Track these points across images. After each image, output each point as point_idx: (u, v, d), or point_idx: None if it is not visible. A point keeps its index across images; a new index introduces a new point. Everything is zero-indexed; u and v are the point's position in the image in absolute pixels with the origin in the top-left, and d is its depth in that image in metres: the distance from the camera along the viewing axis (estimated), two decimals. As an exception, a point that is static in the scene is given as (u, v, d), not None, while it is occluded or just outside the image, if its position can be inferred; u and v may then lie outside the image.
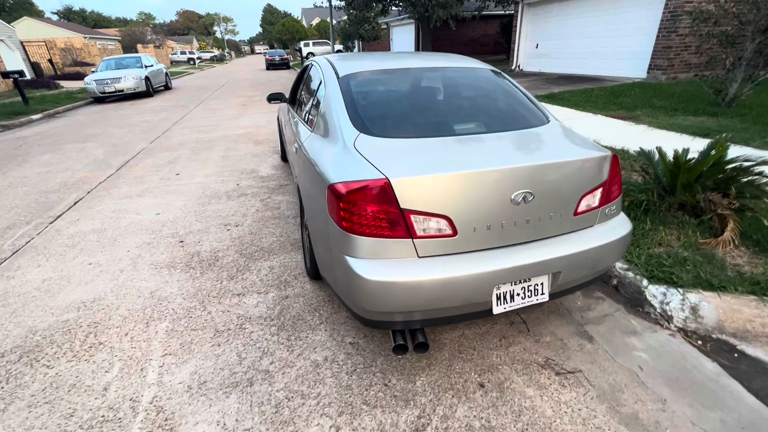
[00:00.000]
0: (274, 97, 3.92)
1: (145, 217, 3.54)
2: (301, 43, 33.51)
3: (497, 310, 1.66)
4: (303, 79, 3.12)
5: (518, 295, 1.68)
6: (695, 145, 3.33)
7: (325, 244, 1.81)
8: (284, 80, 17.57)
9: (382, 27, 26.52)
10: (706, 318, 2.00)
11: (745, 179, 2.55)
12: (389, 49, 27.57)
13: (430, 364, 1.83)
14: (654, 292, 2.16)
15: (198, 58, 40.98)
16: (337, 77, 2.25)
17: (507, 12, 17.45)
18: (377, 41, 26.88)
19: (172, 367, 1.84)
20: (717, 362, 1.83)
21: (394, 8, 15.87)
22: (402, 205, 1.52)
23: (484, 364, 1.84)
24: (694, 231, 2.55)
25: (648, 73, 8.74)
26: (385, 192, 1.51)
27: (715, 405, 1.62)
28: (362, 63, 2.46)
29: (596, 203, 1.80)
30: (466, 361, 1.85)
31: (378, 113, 2.03)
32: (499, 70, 2.55)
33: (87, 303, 2.34)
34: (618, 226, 1.88)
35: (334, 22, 53.25)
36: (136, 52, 31.98)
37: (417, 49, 21.60)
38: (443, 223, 1.56)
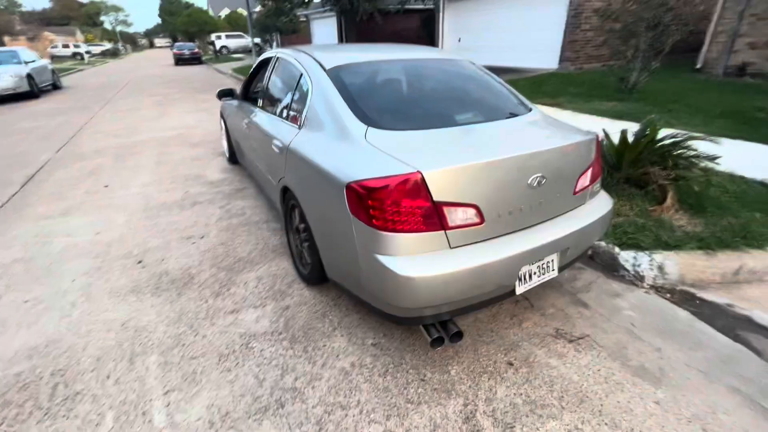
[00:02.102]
0: (225, 94, 3.59)
1: (81, 239, 3.02)
2: (213, 36, 31.03)
3: (519, 290, 1.74)
4: (267, 73, 2.89)
5: (535, 273, 1.78)
6: (616, 127, 3.79)
7: (343, 246, 1.72)
8: (203, 76, 16.19)
9: (302, 20, 25.70)
10: (670, 274, 2.32)
11: (676, 152, 2.99)
12: (311, 43, 26.83)
13: (458, 352, 1.86)
14: (626, 257, 2.44)
15: (87, 52, 35.66)
16: (324, 69, 2.13)
17: (427, 7, 18.07)
18: (296, 34, 26.04)
19: (181, 403, 1.62)
20: (687, 310, 2.14)
21: (316, 0, 15.40)
22: (435, 198, 1.50)
23: (505, 343, 1.92)
24: (642, 201, 2.93)
25: (560, 64, 9.74)
26: (418, 185, 1.48)
27: (697, 346, 1.89)
28: (344, 55, 2.37)
29: (587, 182, 1.97)
30: (488, 344, 1.91)
31: (381, 105, 1.97)
32: (474, 62, 2.63)
33: (39, 349, 1.93)
34: (604, 202, 2.08)
35: (246, 13, 50.39)
36: (2, 45, 26.80)
37: (341, 41, 21.32)
38: (472, 212, 1.58)
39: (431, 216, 1.52)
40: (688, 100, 6.01)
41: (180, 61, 24.37)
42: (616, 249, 2.49)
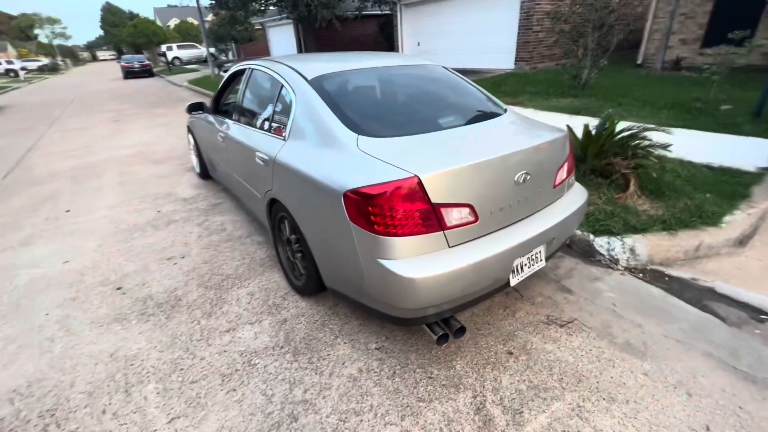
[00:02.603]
0: (195, 108, 3.49)
1: (49, 270, 2.82)
2: (164, 47, 29.76)
3: (514, 281, 1.84)
4: (241, 86, 2.85)
5: (526, 265, 1.88)
6: (575, 122, 4.05)
7: (343, 254, 1.74)
8: (156, 90, 15.51)
9: (257, 28, 25.27)
10: (640, 255, 2.52)
11: (633, 143, 3.24)
12: (269, 52, 26.41)
13: (460, 347, 1.93)
14: (600, 242, 2.62)
15: (23, 68, 33.08)
16: (306, 80, 2.15)
17: (384, 12, 18.33)
18: (252, 43, 25.56)
19: (189, 429, 1.57)
20: (659, 287, 2.33)
21: (272, 7, 15.20)
22: (433, 200, 1.56)
23: (502, 334, 2.01)
24: (608, 190, 3.15)
25: (515, 64, 10.21)
26: (417, 189, 1.53)
27: (672, 319, 2.07)
28: (323, 65, 2.38)
29: (564, 176, 2.11)
30: (487, 336, 2.00)
31: (367, 113, 2.01)
32: (446, 66, 2.73)
33: (21, 390, 1.80)
34: (580, 194, 2.23)
35: (196, 22, 48.69)
36: None
37: (300, 50, 21.17)
38: (466, 211, 1.65)
39: (430, 218, 1.57)
40: (635, 94, 6.50)
41: (129, 74, 23.17)
42: (591, 236, 2.67)
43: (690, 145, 3.97)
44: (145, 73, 23.50)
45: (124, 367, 1.90)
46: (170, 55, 27.57)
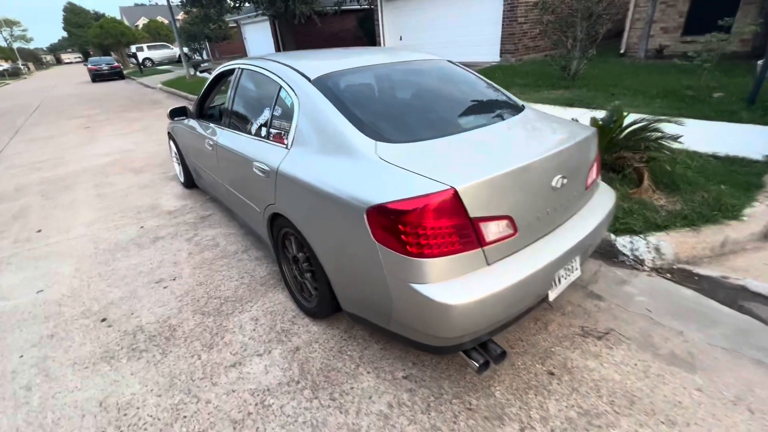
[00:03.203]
0: (178, 113, 3.20)
1: (21, 301, 2.51)
2: (133, 48, 28.54)
3: (552, 296, 1.67)
4: (231, 89, 2.59)
5: (563, 276, 1.72)
6: (570, 114, 3.96)
7: (366, 277, 1.54)
8: (128, 93, 14.80)
9: (231, 25, 24.49)
10: (666, 254, 2.40)
11: (642, 135, 3.13)
12: (245, 50, 25.66)
13: (496, 370, 1.75)
14: (622, 242, 2.49)
15: (-21, 74, 31.20)
16: (309, 80, 1.92)
17: (363, 7, 17.99)
18: (227, 41, 24.78)
19: (202, 494, 1.34)
20: (690, 288, 2.22)
21: (248, 4, 14.66)
22: (471, 214, 1.37)
23: (538, 351, 1.84)
24: (621, 185, 3.03)
25: (501, 56, 10.11)
26: (454, 203, 1.34)
27: (712, 323, 1.95)
28: (324, 63, 2.16)
29: (594, 176, 1.96)
30: (522, 355, 1.83)
31: (382, 116, 1.80)
32: (452, 61, 2.54)
33: (-7, 455, 1.53)
34: (607, 193, 2.09)
35: (167, 22, 47.14)
36: None
37: (278, 47, 20.60)
38: (505, 224, 1.47)
39: (468, 234, 1.39)
40: (625, 83, 6.47)
41: (98, 77, 22.11)
42: (612, 236, 2.54)
43: (691, 135, 3.90)
44: (115, 75, 22.49)
45: (117, 418, 1.65)
46: (141, 56, 26.45)
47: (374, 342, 1.96)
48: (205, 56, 24.70)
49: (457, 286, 1.38)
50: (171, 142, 4.18)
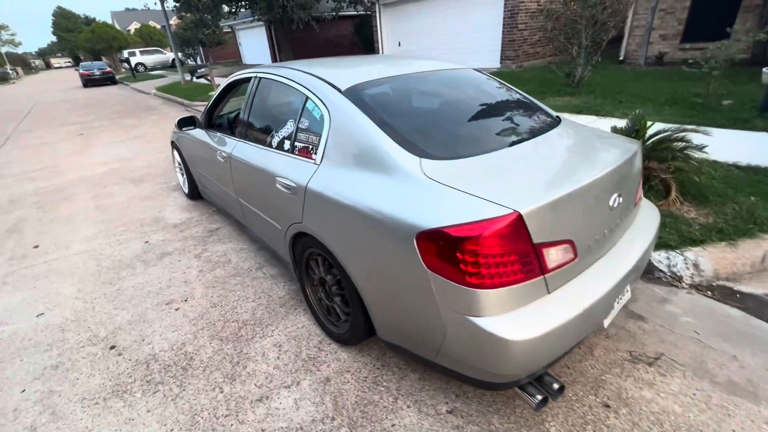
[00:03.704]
0: (187, 123, 3.05)
1: (20, 327, 2.33)
2: (125, 53, 28.21)
3: (607, 321, 1.56)
4: (248, 98, 2.45)
5: (616, 300, 1.61)
6: (581, 121, 3.88)
7: (413, 306, 1.42)
8: (122, 99, 14.54)
9: (226, 31, 24.32)
10: (705, 271, 2.31)
11: (668, 145, 3.06)
12: (239, 55, 25.50)
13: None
14: (659, 258, 2.39)
15: (-34, 79, 30.57)
16: (339, 91, 1.79)
17: (359, 13, 17.98)
18: (221, 46, 24.59)
19: None
20: (735, 307, 2.12)
21: (244, 10, 14.53)
22: (534, 240, 1.25)
23: (588, 380, 1.73)
24: (647, 197, 2.94)
25: (501, 63, 10.11)
26: (518, 228, 1.22)
27: (765, 346, 1.86)
28: (349, 72, 2.04)
29: (640, 191, 1.86)
30: (572, 384, 1.71)
31: (422, 130, 1.68)
32: (479, 69, 2.44)
33: None
34: (650, 209, 1.99)
35: (159, 26, 46.90)
36: None
37: (274, 53, 20.49)
38: (566, 248, 1.36)
39: (531, 262, 1.27)
40: (630, 90, 6.45)
41: (89, 82, 21.75)
42: (647, 251, 2.44)
43: (708, 143, 3.85)
44: (107, 80, 22.15)
45: (136, 464, 1.49)
46: (133, 61, 26.13)
47: (410, 371, 1.82)
48: (198, 61, 24.46)
49: (519, 319, 1.26)
50: (175, 152, 4.01)
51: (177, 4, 15.54)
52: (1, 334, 2.28)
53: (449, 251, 1.24)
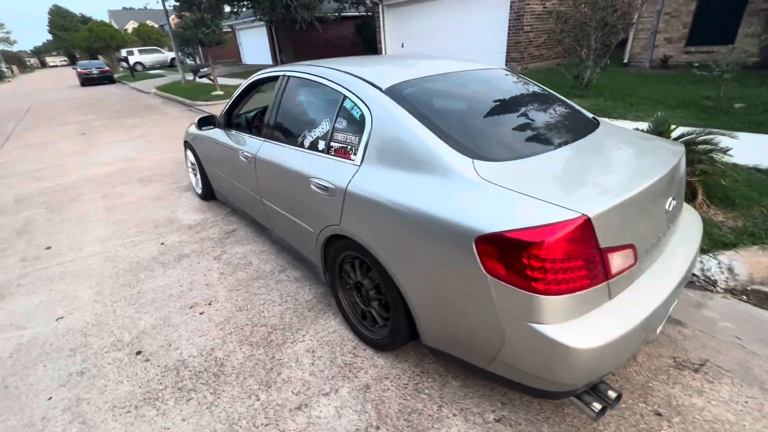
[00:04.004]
0: (206, 122, 3.00)
1: (40, 331, 2.26)
2: (124, 52, 28.01)
3: (659, 329, 1.52)
4: (275, 97, 2.40)
5: (669, 307, 1.57)
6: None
7: (468, 312, 1.38)
8: (121, 98, 14.41)
9: (226, 30, 24.21)
10: (740, 275, 2.28)
11: (693, 148, 3.04)
12: (239, 55, 25.39)
13: (596, 411, 1.59)
14: (691, 262, 2.37)
15: (-39, 77, 30.20)
16: (380, 90, 1.75)
17: (360, 14, 17.96)
18: (220, 46, 24.47)
19: None
20: (773, 311, 2.10)
21: (246, 9, 14.45)
22: (601, 245, 1.21)
23: (635, 387, 1.69)
24: (672, 199, 2.92)
25: (506, 65, 10.10)
26: (587, 232, 1.18)
27: (810, 352, 1.83)
28: (386, 70, 2.00)
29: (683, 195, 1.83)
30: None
31: (471, 130, 1.64)
32: (509, 69, 2.41)
33: None
34: (692, 212, 1.96)
35: (157, 25, 46.63)
36: None
37: (274, 53, 20.41)
38: (628, 254, 1.32)
39: (597, 267, 1.23)
40: (639, 93, 6.46)
41: (87, 81, 21.55)
42: (679, 254, 2.41)
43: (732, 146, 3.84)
44: (105, 79, 21.97)
45: (176, 476, 1.43)
46: (132, 60, 25.94)
47: (451, 377, 1.78)
48: (197, 61, 24.33)
49: (584, 327, 1.21)
50: (188, 152, 3.95)
51: (177, 3, 15.45)
52: (20, 339, 2.20)
53: (513, 256, 1.20)
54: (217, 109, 9.39)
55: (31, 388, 1.86)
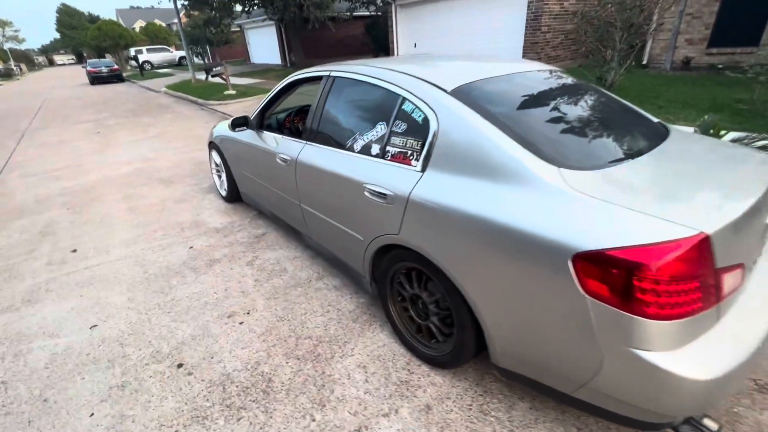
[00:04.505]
0: (240, 123, 2.90)
1: (74, 340, 2.17)
2: (133, 51, 28.08)
3: (755, 352, 1.41)
4: (318, 98, 2.30)
5: None
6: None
7: (556, 335, 1.26)
8: (132, 97, 14.40)
9: (234, 30, 24.21)
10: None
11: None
12: (248, 54, 25.39)
13: (683, 439, 1.47)
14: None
15: (-29, 75, 30.42)
16: (445, 91, 1.65)
17: (370, 13, 17.87)
18: (228, 45, 24.49)
19: None
20: None
21: (257, 8, 14.39)
22: (717, 264, 1.10)
23: (720, 414, 1.57)
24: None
25: (522, 65, 9.96)
26: (705, 251, 1.07)
27: None
28: (444, 70, 1.90)
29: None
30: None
31: (550, 136, 1.53)
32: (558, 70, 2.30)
33: None
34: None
35: (165, 24, 46.73)
36: None
37: (284, 52, 20.37)
38: (738, 273, 1.21)
39: (711, 289, 1.12)
40: (665, 96, 6.31)
41: (96, 80, 21.59)
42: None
43: (769, 151, 3.71)
44: (114, 78, 22.00)
45: (237, 506, 1.33)
46: (140, 59, 25.98)
47: (518, 399, 1.67)
48: (205, 60, 24.36)
49: (700, 355, 1.10)
50: (213, 153, 3.86)
51: (188, 2, 15.43)
52: (54, 348, 2.12)
53: (619, 277, 1.09)
54: (231, 108, 9.33)
55: (71, 403, 1.77)
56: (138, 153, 6.19)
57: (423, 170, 1.63)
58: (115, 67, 22.39)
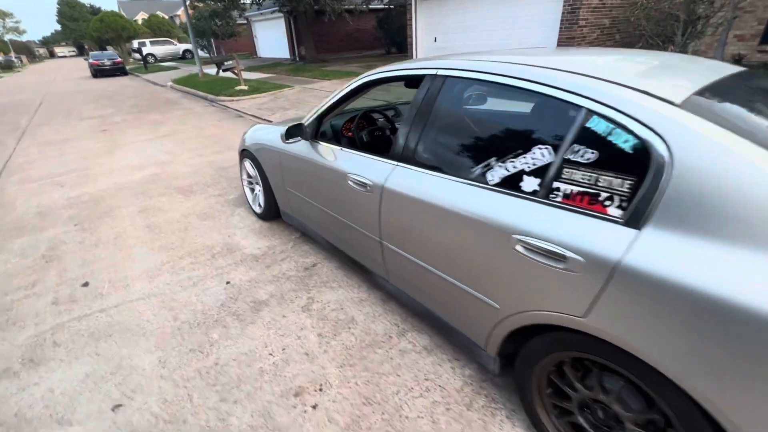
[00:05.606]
0: (295, 133, 2.33)
1: (91, 428, 1.61)
2: (135, 43, 27.37)
3: None
4: (419, 104, 1.71)
5: None
6: None
7: None
8: (138, 91, 13.78)
9: (240, 22, 23.49)
10: None
11: None
12: (254, 47, 24.69)
13: None
14: None
15: (-30, 66, 29.74)
16: (673, 104, 1.07)
17: (384, 6, 17.20)
18: (233, 39, 23.77)
19: None
20: None
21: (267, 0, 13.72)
22: None
23: None
24: None
25: (556, 62, 9.34)
26: None
27: None
28: (635, 70, 1.31)
29: None
30: None
31: None
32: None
33: None
34: None
35: (167, 16, 46.01)
36: None
37: (292, 46, 19.70)
38: None
39: None
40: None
41: (99, 72, 20.93)
42: None
43: None
44: (117, 71, 21.34)
45: None
46: (144, 51, 25.27)
47: None
48: (211, 54, 23.68)
49: None
50: (246, 163, 3.27)
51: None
52: (66, 445, 1.56)
53: None
54: (243, 105, 8.74)
55: None
56: (150, 155, 5.61)
57: (638, 225, 1.05)
58: (119, 59, 21.72)
